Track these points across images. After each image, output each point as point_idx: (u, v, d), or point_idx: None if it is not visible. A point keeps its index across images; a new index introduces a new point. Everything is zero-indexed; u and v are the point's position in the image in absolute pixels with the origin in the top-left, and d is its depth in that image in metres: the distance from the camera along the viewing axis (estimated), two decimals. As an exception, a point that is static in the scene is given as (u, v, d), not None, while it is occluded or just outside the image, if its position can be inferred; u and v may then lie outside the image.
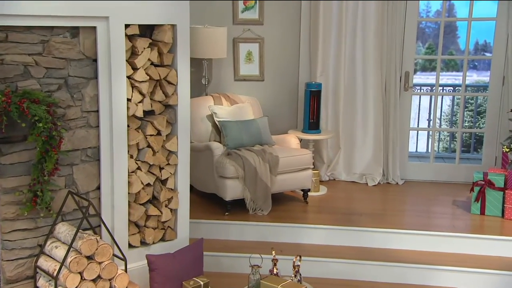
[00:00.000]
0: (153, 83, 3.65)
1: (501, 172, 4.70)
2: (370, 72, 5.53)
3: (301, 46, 5.66)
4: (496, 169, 4.82)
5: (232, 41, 5.61)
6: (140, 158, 3.67)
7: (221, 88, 5.68)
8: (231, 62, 5.66)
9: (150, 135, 3.67)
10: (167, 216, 3.82)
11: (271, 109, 5.65)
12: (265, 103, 5.62)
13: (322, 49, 5.54)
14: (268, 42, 5.65)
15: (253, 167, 4.59)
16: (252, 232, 4.46)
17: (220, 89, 5.67)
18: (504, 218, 4.64)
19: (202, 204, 4.85)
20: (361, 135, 5.68)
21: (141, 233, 3.75)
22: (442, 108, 7.40)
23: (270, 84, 5.73)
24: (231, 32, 5.54)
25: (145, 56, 3.53)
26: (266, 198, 4.67)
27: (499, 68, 5.55)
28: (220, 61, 5.65)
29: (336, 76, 5.58)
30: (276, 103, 5.73)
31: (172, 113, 3.77)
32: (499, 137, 5.59)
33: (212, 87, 5.67)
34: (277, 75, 5.72)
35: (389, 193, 5.39)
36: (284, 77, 5.73)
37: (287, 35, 5.66)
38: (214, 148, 4.67)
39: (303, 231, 4.44)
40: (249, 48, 5.63)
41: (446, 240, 4.31)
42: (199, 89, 5.55)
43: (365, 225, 4.46)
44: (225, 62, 5.66)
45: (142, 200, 3.68)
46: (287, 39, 5.67)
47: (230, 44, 5.59)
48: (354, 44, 5.54)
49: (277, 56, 5.69)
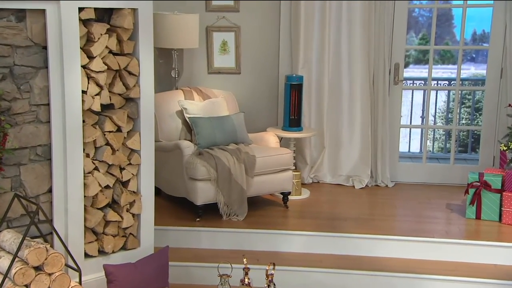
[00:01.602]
0: (112, 73, 3.62)
1: (498, 173, 4.70)
2: (357, 64, 5.52)
3: (281, 35, 5.65)
4: (492, 169, 4.82)
5: (205, 30, 5.58)
6: (98, 158, 3.63)
7: (193, 81, 5.67)
8: (204, 53, 5.64)
9: (109, 132, 3.64)
10: (129, 222, 3.80)
11: (248, 104, 5.63)
12: (241, 98, 5.60)
13: (304, 39, 5.52)
14: (245, 31, 5.63)
15: (227, 168, 4.56)
16: (225, 240, 4.44)
17: (192, 82, 5.65)
18: (501, 222, 4.64)
19: (170, 209, 4.84)
20: (347, 133, 5.67)
21: (99, 241, 3.71)
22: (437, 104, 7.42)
23: (247, 77, 5.71)
24: (203, 20, 5.51)
25: (102, 43, 3.49)
26: (242, 202, 4.65)
27: (497, 59, 5.56)
28: (191, 52, 5.62)
29: (320, 69, 5.57)
30: (254, 98, 5.71)
31: (134, 107, 3.74)
32: (497, 135, 5.59)
33: (183, 81, 5.64)
34: (255, 68, 5.70)
35: (378, 196, 5.40)
36: (262, 70, 5.71)
37: (265, 23, 5.64)
38: (184, 147, 4.64)
39: (282, 238, 4.43)
40: (223, 37, 5.61)
41: (438, 247, 4.30)
42: (169, 83, 5.54)
43: (350, 231, 4.46)
44: (198, 53, 5.64)
45: (100, 204, 3.65)
46: (266, 28, 5.65)
47: (203, 33, 5.57)
48: (339, 33, 5.52)
49: (254, 46, 5.67)
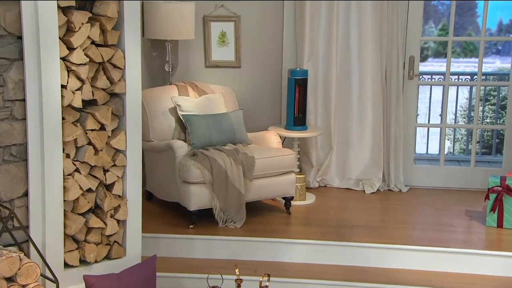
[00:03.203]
0: (95, 66, 3.60)
1: (522, 176, 4.65)
2: (368, 56, 5.49)
3: (284, 26, 5.64)
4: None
5: (201, 20, 5.59)
6: (79, 158, 3.61)
7: (189, 76, 5.69)
8: (201, 45, 5.66)
9: (92, 130, 3.62)
10: (113, 228, 3.78)
11: (248, 101, 5.64)
12: (241, 94, 5.60)
13: (310, 30, 5.50)
14: (245, 21, 5.62)
15: (223, 170, 4.54)
16: (221, 249, 4.43)
17: (188, 77, 5.67)
18: (526, 231, 4.61)
19: (162, 215, 4.85)
20: (357, 133, 5.65)
21: (80, 249, 3.69)
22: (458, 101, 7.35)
23: (248, 72, 5.72)
24: (200, 9, 5.51)
25: (83, 33, 3.47)
26: (239, 208, 4.64)
27: (522, 52, 5.51)
28: (187, 43, 5.63)
29: (327, 62, 5.55)
30: (254, 94, 5.72)
31: (119, 103, 3.72)
32: (523, 134, 5.54)
33: (178, 75, 5.66)
34: (256, 61, 5.70)
35: (390, 202, 5.39)
36: (264, 63, 5.71)
37: (268, 12, 5.64)
38: (176, 147, 4.63)
39: (283, 247, 4.41)
40: (222, 28, 5.62)
41: (455, 258, 4.27)
42: (163, 77, 5.56)
43: (359, 239, 4.44)
44: (194, 45, 5.65)
45: (81, 209, 3.62)
46: (268, 17, 5.65)
47: (200, 23, 5.57)
48: (348, 23, 5.50)
49: (256, 37, 5.67)
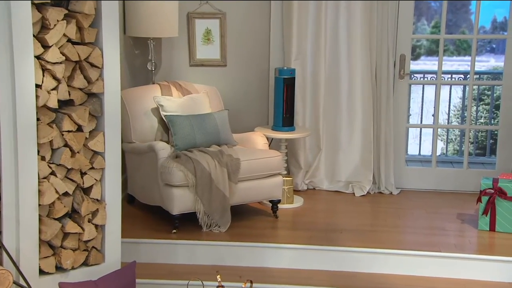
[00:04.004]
0: (71, 65, 3.58)
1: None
2: (357, 55, 5.49)
3: (272, 23, 5.63)
4: (509, 175, 4.77)
5: (185, 17, 5.58)
6: (55, 161, 3.59)
7: (173, 75, 5.67)
8: (185, 43, 5.65)
9: (68, 132, 3.60)
10: (91, 234, 3.76)
11: (234, 101, 5.64)
12: (227, 93, 5.59)
13: (298, 27, 5.49)
14: (231, 18, 5.62)
15: (207, 173, 4.53)
16: (205, 254, 4.42)
17: (172, 76, 5.66)
18: (519, 235, 4.62)
19: (144, 220, 4.84)
20: (347, 134, 5.65)
21: (57, 255, 3.66)
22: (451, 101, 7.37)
23: (234, 70, 5.71)
24: (184, 5, 5.51)
25: (59, 30, 3.45)
26: (224, 212, 4.63)
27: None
28: (170, 41, 5.63)
29: (315, 61, 5.55)
30: (241, 93, 5.71)
31: (97, 103, 3.70)
32: (517, 135, 5.56)
33: (161, 74, 5.65)
34: (242, 59, 5.70)
35: (381, 205, 5.39)
36: (251, 62, 5.71)
37: (254, 9, 5.63)
38: (158, 149, 4.61)
39: (269, 252, 4.41)
40: (207, 25, 5.61)
41: (446, 262, 4.27)
42: (146, 76, 5.54)
43: (347, 244, 4.43)
44: (178, 43, 5.64)
45: (57, 214, 3.60)
46: (255, 14, 5.64)
47: (183, 20, 5.57)
48: (337, 20, 5.50)
49: (242, 35, 5.66)
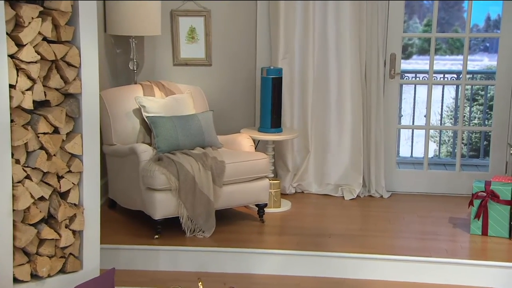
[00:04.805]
0: (47, 64, 3.56)
1: (507, 181, 4.67)
2: (346, 54, 5.50)
3: (258, 21, 5.63)
4: (502, 177, 4.78)
5: (169, 14, 5.58)
6: (30, 164, 3.56)
7: (156, 74, 5.68)
8: (168, 42, 5.66)
9: (44, 134, 3.58)
10: (68, 240, 3.73)
11: (220, 101, 5.64)
12: (212, 94, 5.60)
13: (285, 25, 5.50)
14: (216, 16, 5.62)
15: (191, 176, 4.53)
16: (189, 260, 4.41)
17: (155, 76, 5.66)
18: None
19: (126, 225, 4.83)
20: (336, 136, 5.66)
21: (32, 263, 3.63)
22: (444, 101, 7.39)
23: (219, 70, 5.72)
24: (167, 2, 5.51)
25: (34, 28, 3.43)
26: (208, 216, 4.63)
27: (510, 49, 5.53)
28: (153, 40, 5.63)
29: (303, 60, 5.56)
30: (226, 94, 5.72)
31: (75, 104, 3.68)
32: (510, 137, 5.55)
33: (144, 74, 5.65)
34: (228, 58, 5.71)
35: (371, 208, 5.41)
36: (237, 61, 5.71)
37: (240, 6, 5.63)
38: (140, 151, 4.59)
39: (255, 258, 4.40)
40: (191, 23, 5.62)
41: (437, 268, 4.27)
42: (127, 76, 5.54)
43: (335, 249, 4.43)
44: (161, 42, 5.65)
45: (32, 219, 3.57)
46: (241, 12, 5.64)
47: (167, 18, 5.57)
48: (326, 17, 5.50)
49: (228, 33, 5.67)
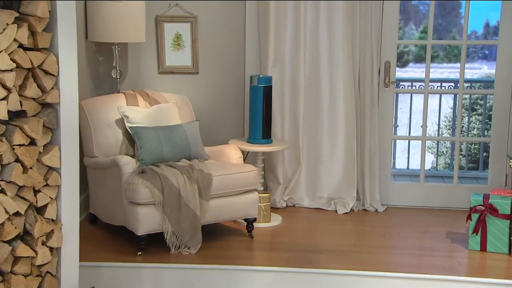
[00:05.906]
0: (23, 73, 3.52)
1: (507, 195, 4.66)
2: (339, 62, 5.50)
3: (247, 27, 5.64)
4: (501, 190, 4.77)
5: (154, 20, 5.60)
6: (5, 178, 3.51)
7: (141, 83, 5.69)
8: (153, 49, 5.68)
9: (20, 145, 3.53)
10: (45, 257, 3.67)
11: (207, 111, 5.67)
12: (199, 103, 5.62)
13: (275, 32, 5.50)
14: (203, 22, 5.63)
15: (176, 189, 4.51)
16: (173, 278, 4.39)
17: (139, 84, 5.67)
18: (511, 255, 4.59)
19: (107, 241, 4.81)
20: (329, 147, 5.66)
21: (6, 282, 3.57)
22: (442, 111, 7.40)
23: (206, 78, 5.73)
24: (152, 8, 5.53)
25: (8, 35, 3.39)
26: (194, 232, 4.60)
27: (509, 56, 5.55)
28: (137, 47, 5.65)
29: (294, 68, 5.57)
30: (214, 103, 5.73)
31: (52, 114, 3.64)
32: (510, 148, 5.56)
33: (128, 82, 5.66)
34: (215, 66, 5.72)
35: (365, 223, 5.41)
36: (225, 69, 5.72)
37: (228, 12, 5.64)
38: (123, 164, 4.57)
39: (243, 276, 4.39)
40: (177, 29, 5.64)
41: (434, 285, 4.26)
42: (110, 85, 5.55)
43: (327, 266, 4.42)
44: (145, 49, 5.67)
45: (7, 236, 3.52)
46: (229, 18, 5.65)
47: (151, 24, 5.59)
48: (317, 24, 5.50)
49: (215, 40, 5.68)
